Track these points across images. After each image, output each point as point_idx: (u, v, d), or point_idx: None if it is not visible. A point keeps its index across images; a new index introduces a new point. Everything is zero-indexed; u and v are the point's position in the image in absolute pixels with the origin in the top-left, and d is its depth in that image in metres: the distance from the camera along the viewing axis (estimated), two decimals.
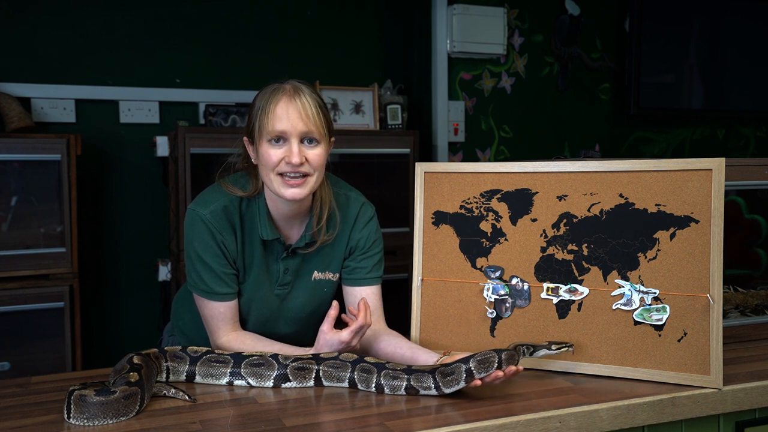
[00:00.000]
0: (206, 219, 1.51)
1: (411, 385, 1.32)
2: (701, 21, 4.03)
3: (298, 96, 1.47)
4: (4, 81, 3.00)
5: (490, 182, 1.58)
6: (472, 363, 1.26)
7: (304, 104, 1.47)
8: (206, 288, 1.53)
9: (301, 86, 1.49)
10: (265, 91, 1.50)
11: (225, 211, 1.52)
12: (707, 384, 1.36)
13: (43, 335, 2.75)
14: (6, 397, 1.36)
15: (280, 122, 1.45)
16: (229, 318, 1.55)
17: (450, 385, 1.29)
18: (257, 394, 1.37)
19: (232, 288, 1.55)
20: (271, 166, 1.47)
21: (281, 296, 1.60)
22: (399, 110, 3.40)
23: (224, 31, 3.37)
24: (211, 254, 1.51)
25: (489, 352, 1.29)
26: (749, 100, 4.20)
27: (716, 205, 1.39)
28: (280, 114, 1.46)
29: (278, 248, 1.58)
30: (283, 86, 1.49)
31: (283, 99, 1.46)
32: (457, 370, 1.26)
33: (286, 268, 1.58)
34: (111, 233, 3.28)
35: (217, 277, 1.52)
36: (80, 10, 3.15)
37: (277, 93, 1.47)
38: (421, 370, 1.33)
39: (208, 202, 1.53)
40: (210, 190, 1.57)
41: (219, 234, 1.51)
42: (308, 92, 1.49)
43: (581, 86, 3.91)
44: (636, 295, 1.44)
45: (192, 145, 2.85)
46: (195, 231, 1.52)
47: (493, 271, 1.56)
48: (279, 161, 1.46)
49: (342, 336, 1.42)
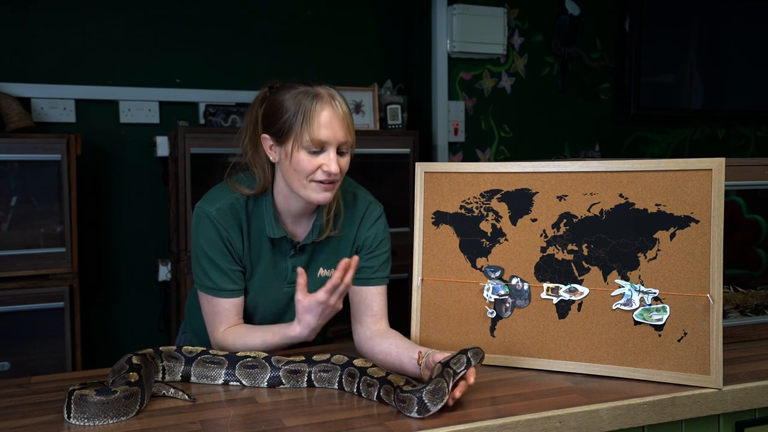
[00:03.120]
0: (212, 216, 1.51)
1: (380, 396, 1.31)
2: (701, 21, 4.03)
3: (337, 104, 1.47)
4: (4, 81, 3.00)
5: (490, 182, 1.58)
6: (425, 394, 1.22)
7: (345, 113, 1.47)
8: (212, 285, 1.53)
9: (334, 93, 1.49)
10: (298, 92, 1.47)
11: (231, 209, 1.53)
12: (707, 384, 1.36)
13: (43, 335, 2.75)
14: (6, 397, 1.36)
15: (325, 132, 1.44)
16: (233, 315, 1.55)
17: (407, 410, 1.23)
18: (256, 394, 1.37)
19: (237, 285, 1.55)
20: (307, 173, 1.46)
21: (290, 294, 1.60)
22: (399, 110, 3.40)
23: (224, 31, 3.37)
24: (217, 251, 1.52)
25: (439, 381, 1.23)
26: (749, 100, 4.20)
27: (716, 205, 1.39)
28: (324, 124, 1.44)
29: (286, 246, 1.58)
30: (319, 92, 1.46)
31: (327, 108, 1.45)
32: (409, 400, 1.23)
33: (295, 265, 1.58)
34: (111, 233, 3.28)
35: (223, 274, 1.53)
36: (80, 10, 3.15)
37: (319, 101, 1.45)
38: (391, 383, 1.29)
39: (214, 200, 1.54)
40: (217, 188, 1.58)
41: (225, 231, 1.51)
42: (341, 99, 1.49)
43: (581, 86, 3.91)
44: (636, 295, 1.44)
45: (192, 145, 2.85)
46: (201, 228, 1.53)
47: (493, 271, 1.56)
48: (315, 169, 1.46)
49: (318, 296, 1.39)
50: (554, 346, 1.49)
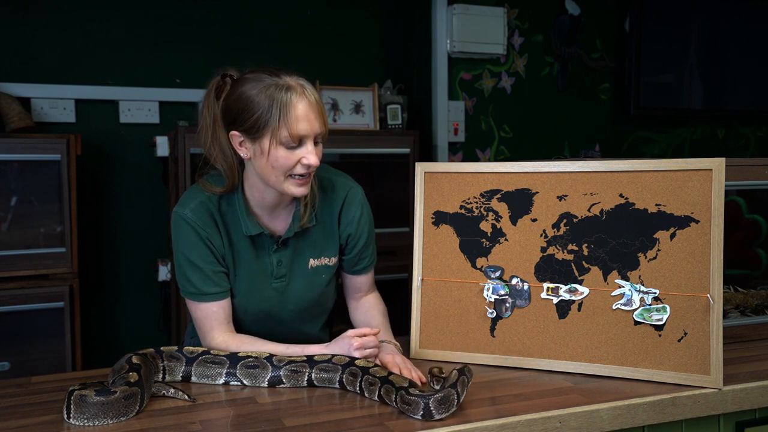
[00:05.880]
0: (188, 218, 1.49)
1: (381, 395, 1.31)
2: (701, 21, 4.03)
3: (309, 94, 1.43)
4: (4, 81, 3.00)
5: (490, 182, 1.58)
6: (433, 402, 1.21)
7: (318, 102, 1.44)
8: (195, 290, 1.50)
9: (303, 81, 1.45)
10: (269, 87, 1.41)
11: (204, 207, 1.50)
12: (707, 384, 1.36)
13: (43, 335, 2.75)
14: (6, 397, 1.36)
15: (304, 126, 1.41)
16: (222, 319, 1.52)
17: (411, 413, 1.23)
18: (256, 394, 1.37)
19: (221, 287, 1.52)
20: (286, 169, 1.43)
21: (279, 289, 1.58)
22: (399, 110, 3.40)
23: (224, 31, 3.37)
24: (198, 253, 1.49)
25: (450, 391, 1.23)
26: (749, 100, 4.20)
27: (716, 205, 1.39)
28: (302, 117, 1.40)
29: (267, 242, 1.55)
30: (290, 84, 1.41)
31: (302, 101, 1.40)
32: (415, 404, 1.23)
33: (279, 260, 1.56)
34: (111, 233, 3.27)
35: (205, 276, 1.50)
36: (80, 10, 3.15)
37: (293, 93, 1.40)
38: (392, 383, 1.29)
39: (187, 202, 1.51)
40: (190, 190, 1.55)
41: (203, 230, 1.49)
42: (311, 87, 1.45)
43: (581, 86, 3.91)
44: (636, 295, 1.44)
45: (192, 145, 2.84)
46: (179, 232, 1.50)
47: (493, 271, 1.56)
48: (295, 164, 1.43)
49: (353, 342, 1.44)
50: (554, 346, 1.49)
